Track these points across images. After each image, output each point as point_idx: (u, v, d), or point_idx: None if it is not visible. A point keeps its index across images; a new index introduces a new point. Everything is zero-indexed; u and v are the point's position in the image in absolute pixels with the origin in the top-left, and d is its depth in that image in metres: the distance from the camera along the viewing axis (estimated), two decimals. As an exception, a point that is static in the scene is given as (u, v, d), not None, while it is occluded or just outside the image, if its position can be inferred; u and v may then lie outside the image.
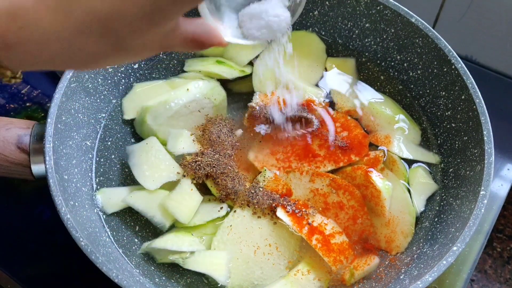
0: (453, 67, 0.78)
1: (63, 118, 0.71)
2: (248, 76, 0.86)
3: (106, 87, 0.81)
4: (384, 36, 0.86)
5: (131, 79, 0.85)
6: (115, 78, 0.83)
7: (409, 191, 0.77)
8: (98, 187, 0.75)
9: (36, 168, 0.69)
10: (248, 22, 0.52)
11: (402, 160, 0.79)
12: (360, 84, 0.87)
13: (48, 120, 0.68)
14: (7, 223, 0.81)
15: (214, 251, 0.70)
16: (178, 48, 0.43)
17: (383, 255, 0.72)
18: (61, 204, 0.62)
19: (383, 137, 0.81)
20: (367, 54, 0.90)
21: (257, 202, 0.71)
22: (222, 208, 0.73)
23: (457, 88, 0.78)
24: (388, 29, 0.85)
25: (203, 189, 0.74)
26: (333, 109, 0.84)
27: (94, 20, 0.35)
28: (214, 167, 0.73)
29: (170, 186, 0.73)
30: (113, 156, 0.79)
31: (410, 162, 0.80)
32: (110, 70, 0.81)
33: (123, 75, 0.84)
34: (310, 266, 0.69)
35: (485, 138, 0.71)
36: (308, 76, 0.87)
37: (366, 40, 0.89)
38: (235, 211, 0.72)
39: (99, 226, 0.71)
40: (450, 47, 0.79)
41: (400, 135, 0.81)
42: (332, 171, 0.77)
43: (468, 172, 0.73)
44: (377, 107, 0.83)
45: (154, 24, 0.37)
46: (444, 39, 0.79)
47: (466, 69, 0.77)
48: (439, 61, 0.80)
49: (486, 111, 0.73)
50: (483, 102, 0.74)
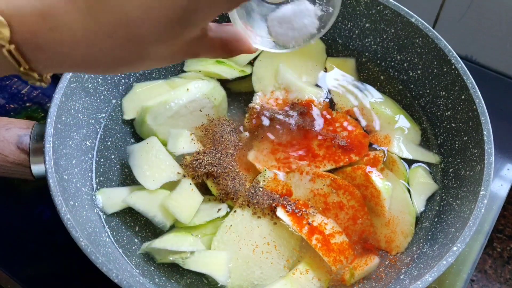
0: (453, 67, 0.78)
1: (63, 118, 0.71)
2: (248, 76, 0.86)
3: (106, 87, 0.81)
4: (384, 36, 0.86)
5: (131, 79, 0.85)
6: (115, 78, 0.82)
7: (409, 191, 0.77)
8: (98, 187, 0.75)
9: (36, 168, 0.69)
10: (278, 27, 0.51)
11: (402, 160, 0.79)
12: (360, 84, 0.87)
13: (48, 120, 0.68)
14: (7, 223, 0.81)
15: (214, 251, 0.70)
16: (203, 55, 0.42)
17: (383, 255, 0.72)
18: (61, 204, 0.62)
19: (383, 137, 0.81)
20: (367, 54, 0.90)
21: (257, 202, 0.71)
22: (222, 208, 0.73)
23: (457, 88, 0.78)
24: (388, 29, 0.85)
25: (203, 189, 0.74)
26: (333, 109, 0.84)
27: (122, 25, 0.34)
28: (216, 166, 0.73)
29: (170, 186, 0.73)
30: (113, 156, 0.79)
31: (410, 162, 0.80)
32: (110, 70, 0.81)
33: (123, 75, 0.84)
34: (310, 266, 0.69)
35: (485, 138, 0.71)
36: (308, 76, 0.87)
37: (366, 40, 0.89)
38: (235, 211, 0.72)
39: (99, 226, 0.71)
40: (450, 47, 0.79)
41: (400, 135, 0.81)
42: (332, 171, 0.77)
43: (468, 172, 0.73)
44: (377, 107, 0.83)
45: (184, 29, 0.36)
46: (444, 39, 0.79)
47: (466, 69, 0.77)
48: (439, 61, 0.80)
49: (486, 111, 0.73)
50: (483, 102, 0.74)
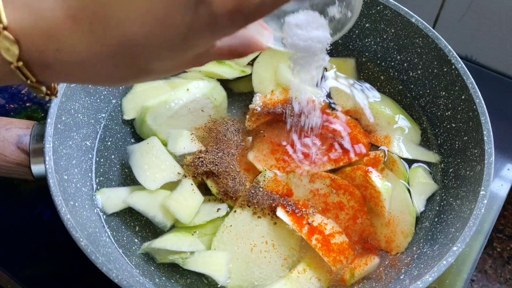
0: (453, 67, 0.78)
1: (63, 118, 0.71)
2: (248, 76, 0.86)
3: (106, 87, 0.81)
4: (384, 36, 0.86)
5: (131, 79, 0.85)
6: (115, 78, 0.82)
7: (409, 191, 0.77)
8: (98, 187, 0.75)
9: (36, 168, 0.69)
10: (293, 29, 0.51)
11: (402, 160, 0.79)
12: (360, 84, 0.87)
13: (48, 120, 0.68)
14: (7, 223, 0.81)
15: (214, 251, 0.70)
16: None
17: (383, 255, 0.72)
18: (61, 204, 0.62)
19: (383, 137, 0.81)
20: (367, 54, 0.90)
21: (257, 202, 0.71)
22: (222, 208, 0.73)
23: (457, 88, 0.78)
24: (388, 29, 0.85)
25: (203, 189, 0.74)
26: (333, 109, 0.84)
27: (124, 46, 0.34)
28: (217, 165, 0.73)
29: (171, 186, 0.73)
30: (113, 156, 0.79)
31: (410, 162, 0.80)
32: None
33: (123, 75, 0.84)
34: (310, 266, 0.69)
35: (485, 138, 0.71)
36: (308, 76, 0.87)
37: (366, 40, 0.89)
38: (235, 211, 0.72)
39: (99, 226, 0.71)
40: (450, 47, 0.79)
41: (400, 135, 0.81)
42: (332, 171, 0.77)
43: (468, 172, 0.73)
44: (377, 107, 0.83)
45: (187, 51, 0.36)
46: (444, 39, 0.79)
47: (466, 69, 0.77)
48: (439, 61, 0.80)
49: (486, 111, 0.73)
50: (483, 102, 0.74)
